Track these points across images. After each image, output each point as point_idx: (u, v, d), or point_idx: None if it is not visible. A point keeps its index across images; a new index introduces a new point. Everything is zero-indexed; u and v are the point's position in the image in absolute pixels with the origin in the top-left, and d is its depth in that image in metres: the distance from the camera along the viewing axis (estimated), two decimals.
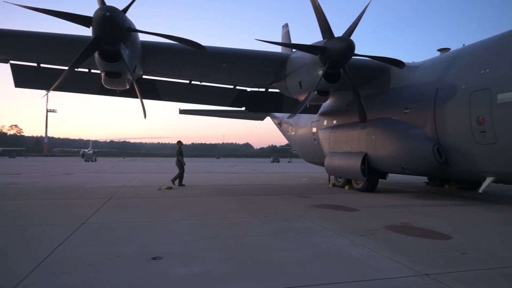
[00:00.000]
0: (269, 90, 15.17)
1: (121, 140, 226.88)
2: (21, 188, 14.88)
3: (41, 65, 12.36)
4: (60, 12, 8.81)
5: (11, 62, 12.24)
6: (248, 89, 15.25)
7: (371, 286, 4.02)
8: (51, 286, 3.96)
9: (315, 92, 11.28)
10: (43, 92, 13.88)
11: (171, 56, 12.05)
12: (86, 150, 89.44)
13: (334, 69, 10.92)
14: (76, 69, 10.88)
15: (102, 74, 10.56)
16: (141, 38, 10.84)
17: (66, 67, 10.27)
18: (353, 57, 10.86)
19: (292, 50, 12.63)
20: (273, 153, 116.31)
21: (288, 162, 75.34)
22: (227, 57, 12.34)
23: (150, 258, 4.97)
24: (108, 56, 9.68)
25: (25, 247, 5.49)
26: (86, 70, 12.59)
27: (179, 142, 17.73)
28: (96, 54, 9.76)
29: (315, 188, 15.70)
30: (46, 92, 12.43)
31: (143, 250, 5.38)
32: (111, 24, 8.87)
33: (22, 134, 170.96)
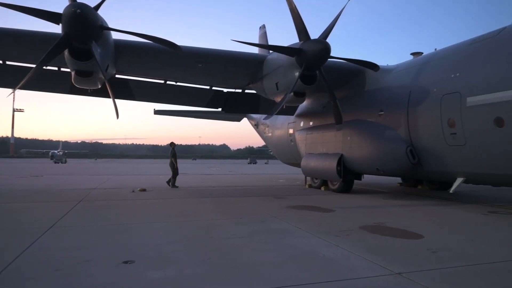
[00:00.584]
0: (246, 91, 15.14)
1: (93, 141, 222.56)
2: None
3: (7, 62, 11.90)
4: (28, 8, 8.49)
5: None
6: (225, 90, 15.16)
7: (344, 286, 4.03)
8: None
9: (292, 93, 11.31)
10: (9, 90, 13.41)
11: (145, 55, 11.83)
12: (56, 151, 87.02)
13: (310, 71, 10.98)
14: (45, 67, 10.55)
15: (72, 73, 10.26)
16: (115, 36, 10.63)
17: (33, 65, 9.94)
18: (329, 60, 10.96)
19: (269, 51, 12.64)
20: (250, 154, 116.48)
21: (265, 163, 75.54)
22: (203, 57, 12.22)
23: (122, 262, 4.83)
24: (78, 54, 9.41)
25: None
26: (56, 69, 12.21)
27: (172, 144, 17.53)
28: (66, 52, 9.48)
29: (291, 189, 15.75)
30: (12, 90, 12.00)
31: (114, 253, 5.23)
32: (82, 21, 8.61)
33: None
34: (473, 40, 10.38)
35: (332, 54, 10.77)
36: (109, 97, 10.83)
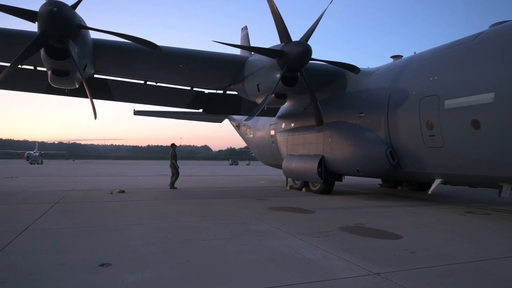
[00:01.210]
0: (227, 92, 15.08)
1: (71, 141, 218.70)
2: None
3: None
4: (2, 6, 8.24)
5: None
6: (206, 91, 15.06)
7: (324, 287, 4.03)
8: None
9: (273, 95, 11.33)
10: None
11: (124, 55, 11.65)
12: (32, 152, 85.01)
13: (291, 72, 11.00)
14: (20, 66, 10.27)
15: (49, 72, 10.02)
16: (93, 36, 10.42)
17: (8, 64, 9.66)
18: (310, 62, 11.00)
19: (251, 52, 12.62)
20: (232, 155, 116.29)
21: (247, 164, 75.54)
22: (184, 58, 12.11)
23: (98, 265, 4.72)
24: (55, 53, 9.19)
25: None
26: (32, 68, 11.90)
27: (173, 145, 17.33)
28: (42, 51, 9.25)
29: (272, 191, 15.75)
30: None
31: (90, 256, 5.11)
32: (58, 20, 8.41)
33: None
34: (451, 44, 10.59)
35: (314, 56, 10.82)
36: (87, 97, 10.63)
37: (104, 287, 3.97)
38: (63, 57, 9.22)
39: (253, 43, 24.33)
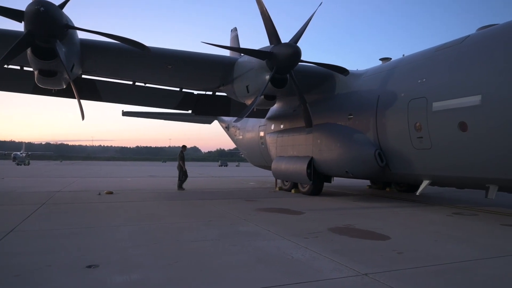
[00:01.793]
0: (217, 93, 15.04)
1: (59, 142, 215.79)
2: None
3: None
4: None
5: None
6: (195, 92, 15.01)
7: (312, 287, 4.04)
8: None
9: (262, 96, 11.32)
10: None
11: (112, 56, 11.54)
12: (18, 152, 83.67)
13: (280, 74, 11.02)
14: (6, 66, 10.11)
15: (36, 72, 9.89)
16: (81, 36, 10.32)
17: None
18: (299, 63, 11.01)
19: (240, 54, 12.61)
20: (221, 157, 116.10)
21: (236, 166, 75.41)
22: (173, 59, 12.04)
23: (85, 266, 4.66)
24: (42, 53, 9.07)
25: None
26: (18, 68, 11.73)
27: (183, 147, 17.24)
28: (29, 51, 9.12)
29: (262, 192, 15.74)
30: None
31: (78, 258, 5.05)
32: (45, 19, 8.30)
33: None
34: (439, 47, 10.72)
35: (303, 57, 10.85)
36: (74, 97, 10.52)
37: None
38: (50, 57, 9.10)
39: (242, 45, 24.42)
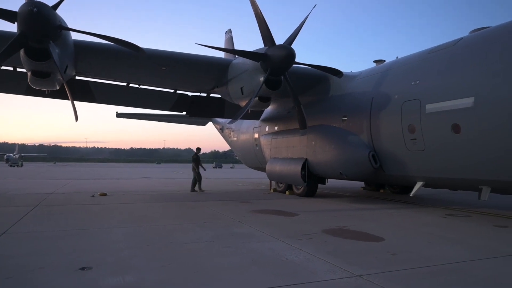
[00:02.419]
0: (211, 95, 15.02)
1: (52, 144, 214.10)
2: None
3: None
4: None
5: None
6: (189, 94, 14.99)
7: None
8: None
9: (256, 98, 11.33)
10: None
11: (106, 57, 11.49)
12: (11, 154, 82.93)
13: (275, 76, 11.03)
14: None
15: (29, 74, 9.82)
16: (75, 37, 10.27)
17: None
18: (293, 65, 11.04)
19: (235, 55, 12.61)
20: (216, 158, 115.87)
21: (231, 167, 75.37)
22: (167, 60, 12.02)
23: (78, 268, 4.64)
24: (35, 54, 9.01)
25: None
26: (11, 69, 11.66)
27: (197, 149, 17.23)
28: (22, 52, 9.06)
29: (256, 194, 15.74)
30: None
31: (71, 260, 5.02)
32: (38, 20, 8.24)
33: None
34: (432, 49, 10.79)
35: (298, 59, 10.87)
36: (68, 99, 10.46)
37: None
38: (43, 58, 9.04)
39: (237, 46, 24.37)
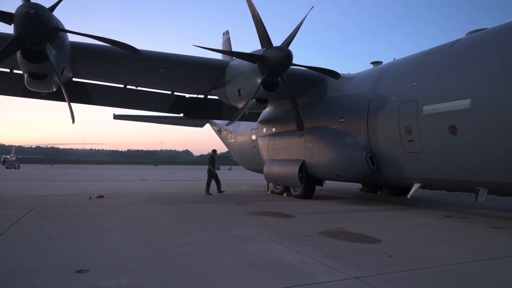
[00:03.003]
0: (208, 96, 15.01)
1: (49, 146, 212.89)
2: None
3: None
4: None
5: None
6: (187, 95, 14.97)
7: None
8: None
9: (254, 100, 11.32)
10: None
11: (104, 59, 11.47)
12: (8, 156, 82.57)
13: (272, 77, 11.03)
14: None
15: (25, 75, 9.80)
16: (72, 39, 10.24)
17: None
18: (291, 67, 11.05)
19: (232, 57, 12.61)
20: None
21: (228, 169, 75.26)
22: (164, 62, 12.00)
23: (75, 271, 4.62)
24: (32, 56, 8.97)
25: None
26: (8, 70, 11.61)
27: (213, 151, 17.23)
28: (19, 54, 9.03)
29: (253, 196, 15.73)
30: None
31: (67, 262, 5.00)
32: (35, 22, 8.22)
33: None
34: (429, 51, 10.82)
35: (295, 61, 10.89)
36: (65, 101, 10.42)
37: None
38: (40, 60, 9.01)
39: (234, 48, 24.38)
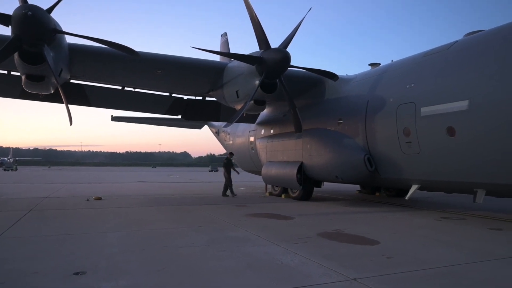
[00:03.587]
0: (206, 98, 15.02)
1: (47, 147, 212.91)
2: None
3: None
4: None
5: None
6: (185, 97, 14.95)
7: None
8: None
9: (252, 101, 11.32)
10: None
11: (101, 60, 11.46)
12: (6, 158, 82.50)
13: (270, 79, 11.04)
14: None
15: (23, 77, 9.78)
16: (69, 40, 10.23)
17: None
18: (289, 69, 11.06)
19: (230, 59, 12.62)
20: (212, 162, 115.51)
21: None
22: (162, 63, 11.99)
23: (72, 273, 4.60)
24: (29, 58, 8.96)
25: None
26: (5, 72, 11.60)
27: (230, 154, 17.09)
28: (16, 55, 9.02)
29: (252, 197, 15.72)
30: None
31: (65, 264, 4.98)
32: (33, 24, 8.21)
33: None
34: (427, 53, 10.84)
35: (293, 62, 10.90)
36: (63, 102, 10.41)
37: None
38: (37, 61, 9.00)
39: (232, 50, 24.32)
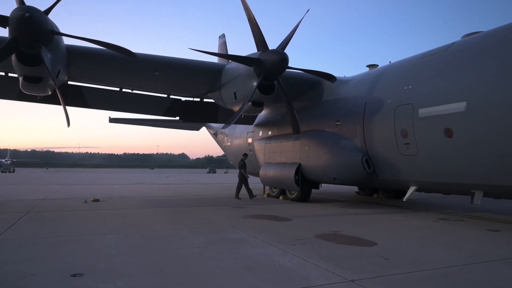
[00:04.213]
0: (204, 100, 15.02)
1: (44, 149, 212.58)
2: None
3: None
4: None
5: None
6: (183, 99, 14.96)
7: None
8: None
9: (250, 103, 11.33)
10: None
11: (99, 62, 11.46)
12: (3, 160, 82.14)
13: (268, 81, 11.05)
14: None
15: (20, 79, 9.76)
16: (67, 42, 10.23)
17: None
18: (287, 70, 11.07)
19: (228, 60, 12.63)
20: (210, 163, 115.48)
21: (225, 172, 75.23)
22: (160, 65, 12.00)
23: (70, 275, 4.59)
24: (27, 59, 8.95)
25: None
26: (3, 74, 11.58)
27: (244, 155, 17.03)
28: (14, 57, 9.00)
29: (249, 199, 15.67)
30: None
31: (62, 266, 4.97)
32: (30, 25, 8.19)
33: None
34: (425, 54, 10.87)
35: (291, 64, 10.90)
36: (60, 104, 10.39)
37: None
38: (35, 63, 8.99)
39: (230, 51, 24.43)
